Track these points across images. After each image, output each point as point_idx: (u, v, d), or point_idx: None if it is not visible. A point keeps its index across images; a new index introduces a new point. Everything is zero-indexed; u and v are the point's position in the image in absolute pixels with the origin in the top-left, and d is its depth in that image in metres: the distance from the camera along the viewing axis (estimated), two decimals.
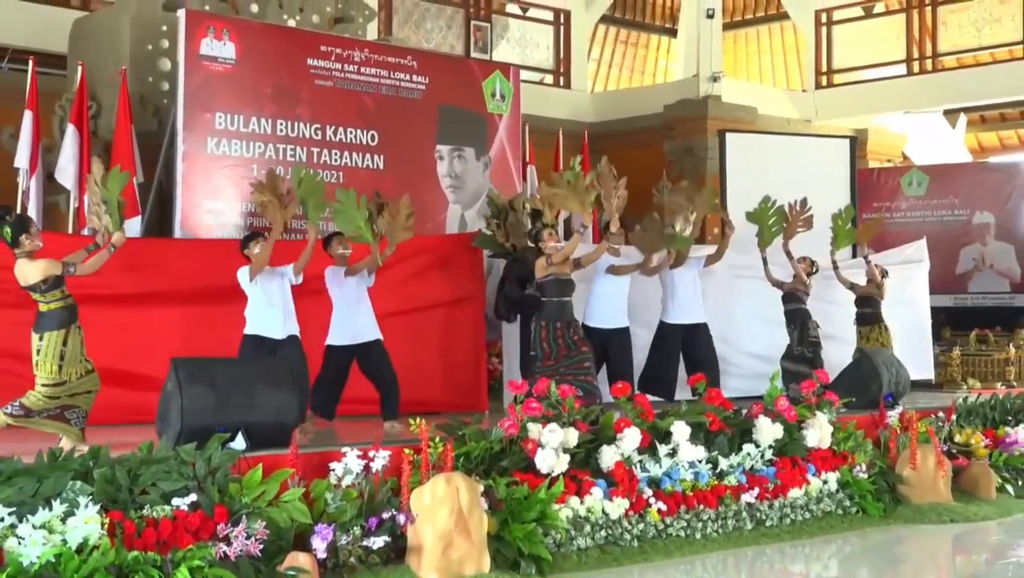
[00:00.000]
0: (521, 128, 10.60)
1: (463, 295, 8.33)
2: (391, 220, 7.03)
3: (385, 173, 9.39)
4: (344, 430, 6.87)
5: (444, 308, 8.28)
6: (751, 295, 9.28)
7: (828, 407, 7.02)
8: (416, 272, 8.15)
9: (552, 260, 7.18)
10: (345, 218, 6.98)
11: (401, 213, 7.06)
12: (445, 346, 8.24)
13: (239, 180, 8.58)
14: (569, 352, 7.13)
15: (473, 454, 5.47)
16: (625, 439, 5.95)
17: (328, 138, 9.20)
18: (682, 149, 13.21)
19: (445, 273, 8.29)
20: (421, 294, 8.18)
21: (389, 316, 7.51)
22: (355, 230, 6.98)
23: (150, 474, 4.73)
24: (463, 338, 8.32)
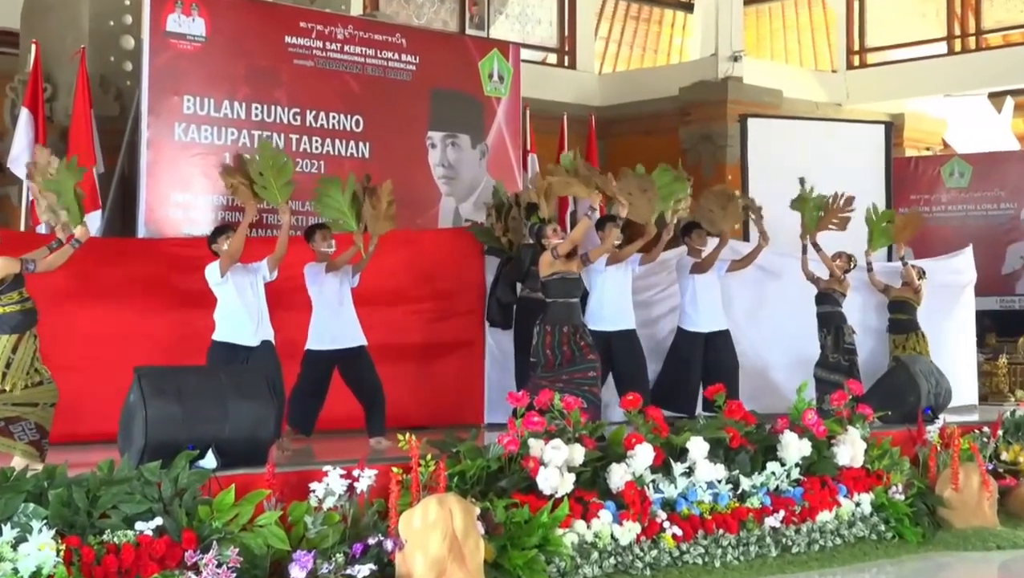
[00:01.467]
0: (521, 113, 10.59)
1: (459, 296, 8.34)
2: (372, 209, 7.03)
3: (371, 162, 9.37)
4: (325, 447, 6.86)
5: (438, 311, 8.30)
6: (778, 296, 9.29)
7: (861, 421, 7.02)
8: (406, 271, 8.16)
9: (558, 252, 7.18)
10: (328, 203, 7.00)
11: (382, 201, 7.06)
12: (438, 353, 8.26)
13: (210, 170, 8.55)
14: (573, 359, 7.14)
15: (468, 473, 5.46)
16: (636, 456, 5.94)
17: (308, 124, 9.19)
18: (699, 136, 13.21)
19: (439, 272, 8.31)
20: (412, 295, 8.19)
21: (375, 319, 7.51)
22: (338, 214, 6.98)
23: (111, 496, 4.72)
24: (459, 344, 8.33)
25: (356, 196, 7.03)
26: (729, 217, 8.54)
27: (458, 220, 9.90)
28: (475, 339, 8.40)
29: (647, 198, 7.76)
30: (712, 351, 8.29)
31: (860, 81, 14.69)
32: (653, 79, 14.28)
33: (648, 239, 7.85)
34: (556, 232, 7.39)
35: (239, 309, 6.61)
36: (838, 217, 8.91)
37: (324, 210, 7.06)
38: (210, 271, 6.65)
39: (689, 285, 8.37)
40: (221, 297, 6.66)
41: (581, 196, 7.86)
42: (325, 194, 7.03)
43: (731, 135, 12.64)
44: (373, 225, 7.05)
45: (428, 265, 8.31)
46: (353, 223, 7.00)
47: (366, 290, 7.30)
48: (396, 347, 7.88)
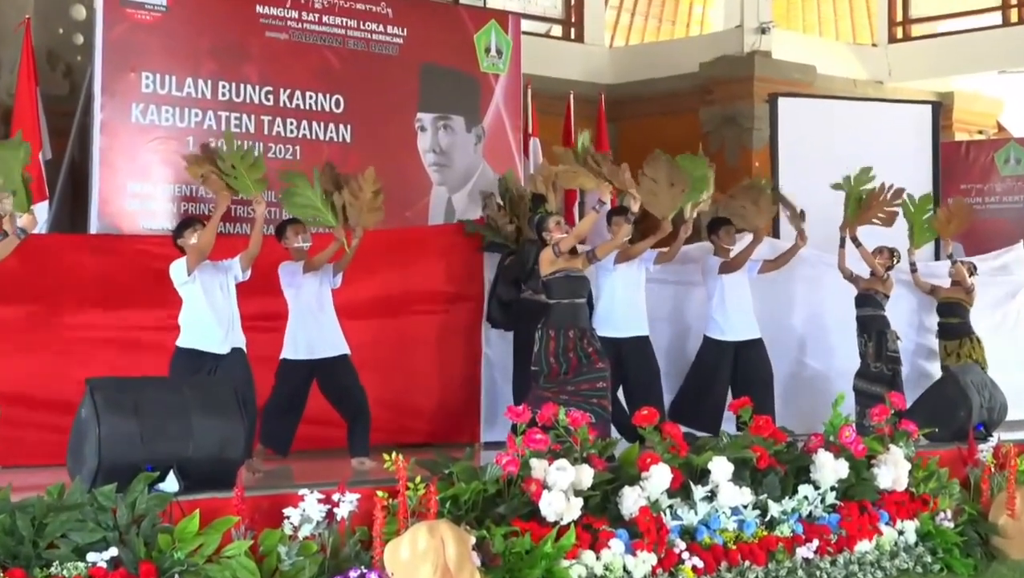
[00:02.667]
0: (522, 92, 10.61)
1: (453, 299, 8.38)
2: (353, 199, 7.03)
3: (353, 147, 9.40)
4: (302, 468, 6.87)
5: (429, 315, 8.33)
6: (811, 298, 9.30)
7: (904, 439, 7.03)
8: (393, 271, 8.18)
9: (560, 249, 7.19)
10: (298, 202, 7.00)
11: (365, 190, 7.07)
12: (430, 362, 8.29)
13: (171, 156, 8.57)
14: (580, 368, 7.15)
15: (463, 497, 5.46)
16: (652, 479, 5.94)
17: (282, 104, 9.20)
18: (722, 118, 13.21)
19: (431, 272, 8.34)
20: (400, 298, 8.22)
21: (359, 325, 7.53)
22: (312, 213, 7.00)
23: (60, 523, 4.72)
24: (452, 352, 8.37)
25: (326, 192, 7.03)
26: (762, 212, 8.56)
27: (451, 212, 9.92)
28: (471, 348, 8.42)
29: (672, 193, 7.78)
30: (743, 363, 8.33)
31: (904, 56, 14.69)
32: (670, 53, 14.28)
33: (662, 235, 7.86)
34: (559, 226, 7.39)
35: (207, 312, 6.61)
36: (884, 211, 8.89)
37: (293, 209, 7.07)
38: (175, 269, 6.65)
39: (717, 288, 8.38)
40: (187, 298, 6.66)
41: (587, 188, 7.86)
42: (291, 191, 7.03)
43: (758, 116, 12.63)
44: (357, 217, 7.06)
45: (417, 266, 8.31)
46: (331, 218, 7.01)
47: (346, 294, 7.32)
48: (381, 358, 7.90)
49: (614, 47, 15.06)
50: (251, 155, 6.99)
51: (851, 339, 9.01)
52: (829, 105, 11.92)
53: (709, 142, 12.67)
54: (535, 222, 7.72)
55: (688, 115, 13.29)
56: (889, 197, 8.88)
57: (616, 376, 7.63)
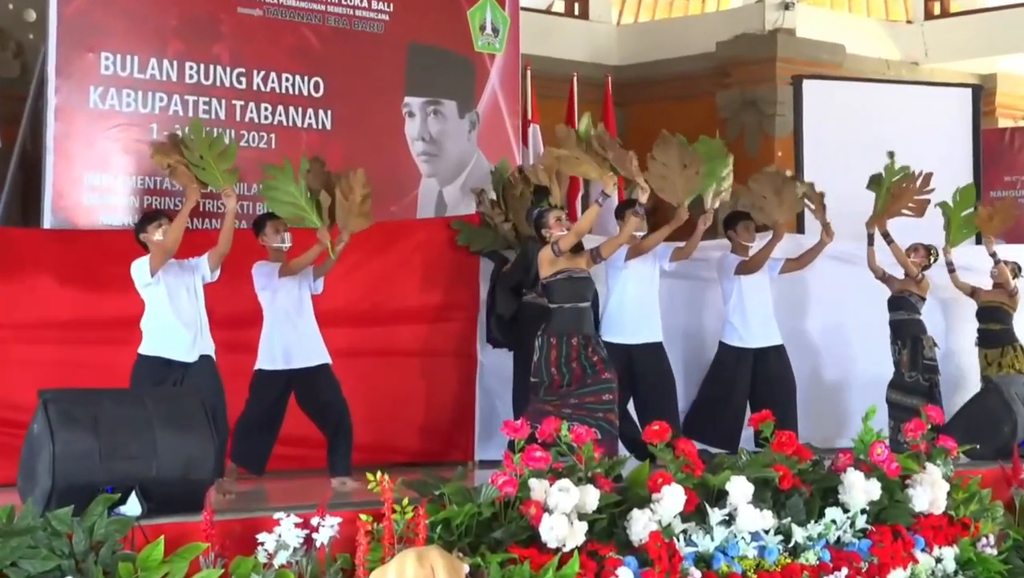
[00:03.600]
0: (521, 74, 10.62)
1: (445, 302, 8.41)
2: (343, 200, 7.04)
3: (333, 135, 9.41)
4: (277, 488, 6.90)
5: (418, 320, 8.37)
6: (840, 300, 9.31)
7: (943, 457, 7.03)
8: (377, 271, 8.21)
9: (561, 248, 7.19)
10: (280, 198, 7.00)
11: (356, 192, 7.08)
12: (419, 373, 8.33)
13: (133, 145, 8.58)
14: (584, 378, 7.16)
15: (455, 521, 5.46)
16: (663, 501, 5.94)
17: (256, 87, 9.21)
18: (741, 102, 13.23)
19: (419, 273, 8.36)
20: (384, 301, 8.24)
21: (341, 332, 7.54)
22: (296, 212, 7.00)
23: (10, 550, 4.72)
24: (444, 361, 8.41)
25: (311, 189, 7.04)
26: (785, 205, 8.53)
27: (442, 207, 9.93)
28: (464, 356, 8.45)
29: (686, 176, 7.77)
30: (763, 372, 8.35)
31: (942, 34, 14.69)
32: (684, 31, 14.28)
33: (677, 225, 7.86)
34: (560, 222, 7.37)
35: (172, 317, 6.62)
36: (915, 200, 8.89)
37: (275, 206, 7.07)
38: (137, 269, 6.65)
39: (734, 289, 8.41)
40: (150, 301, 6.66)
41: (591, 178, 7.85)
42: (273, 187, 7.04)
43: (781, 101, 12.65)
44: (344, 220, 7.06)
45: (405, 265, 8.35)
46: (315, 218, 7.01)
47: (323, 296, 7.34)
48: (363, 368, 7.92)
49: (622, 24, 15.06)
50: (220, 143, 6.99)
51: (881, 345, 9.01)
52: (859, 89, 11.92)
53: (727, 129, 12.68)
54: (533, 217, 7.69)
55: (703, 100, 13.30)
56: (919, 184, 8.86)
57: (626, 387, 7.67)
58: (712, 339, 8.71)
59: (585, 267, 7.31)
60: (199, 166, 6.82)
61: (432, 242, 8.48)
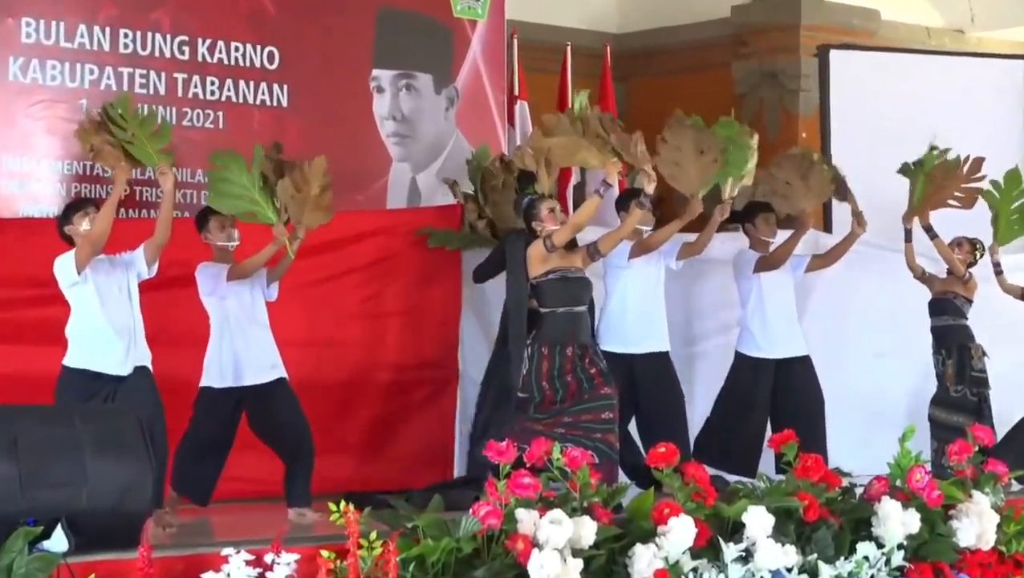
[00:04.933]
0: (507, 43, 10.61)
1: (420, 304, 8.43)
2: (296, 193, 7.04)
3: (290, 113, 9.39)
4: (226, 521, 6.89)
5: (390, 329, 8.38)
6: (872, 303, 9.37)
7: (992, 484, 7.04)
8: (341, 272, 8.21)
9: (554, 243, 7.20)
10: (228, 192, 6.98)
11: (312, 184, 7.08)
12: (389, 387, 8.33)
13: (59, 124, 8.56)
14: (580, 394, 7.16)
15: (430, 558, 5.46)
16: (670, 535, 5.95)
17: (201, 58, 9.18)
18: (760, 75, 13.21)
19: (390, 274, 8.37)
20: (350, 307, 8.24)
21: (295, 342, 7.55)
22: (248, 207, 6.99)
23: None
24: (419, 375, 8.42)
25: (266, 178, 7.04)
26: (812, 192, 8.50)
27: (415, 196, 9.92)
28: (443, 367, 8.47)
29: (702, 164, 7.79)
30: (785, 386, 8.40)
31: None
32: None
33: (690, 219, 7.88)
34: (553, 214, 7.37)
35: (102, 322, 6.58)
36: (962, 189, 8.88)
37: (223, 201, 7.03)
38: (61, 267, 6.60)
39: (752, 291, 8.43)
40: (77, 305, 6.63)
41: (592, 166, 7.86)
42: (222, 178, 7.01)
43: (806, 74, 12.63)
44: (298, 215, 7.06)
45: (374, 264, 8.35)
46: (271, 214, 7.01)
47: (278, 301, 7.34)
48: (325, 384, 7.93)
49: None
50: (153, 121, 6.96)
51: (919, 353, 9.05)
52: (895, 61, 11.92)
53: (743, 106, 12.68)
54: (523, 206, 7.68)
55: (716, 73, 13.29)
56: (967, 170, 8.84)
57: (627, 404, 7.66)
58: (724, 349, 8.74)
59: (581, 265, 7.30)
60: (129, 143, 6.79)
61: (405, 236, 8.46)
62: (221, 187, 7.03)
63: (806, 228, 8.53)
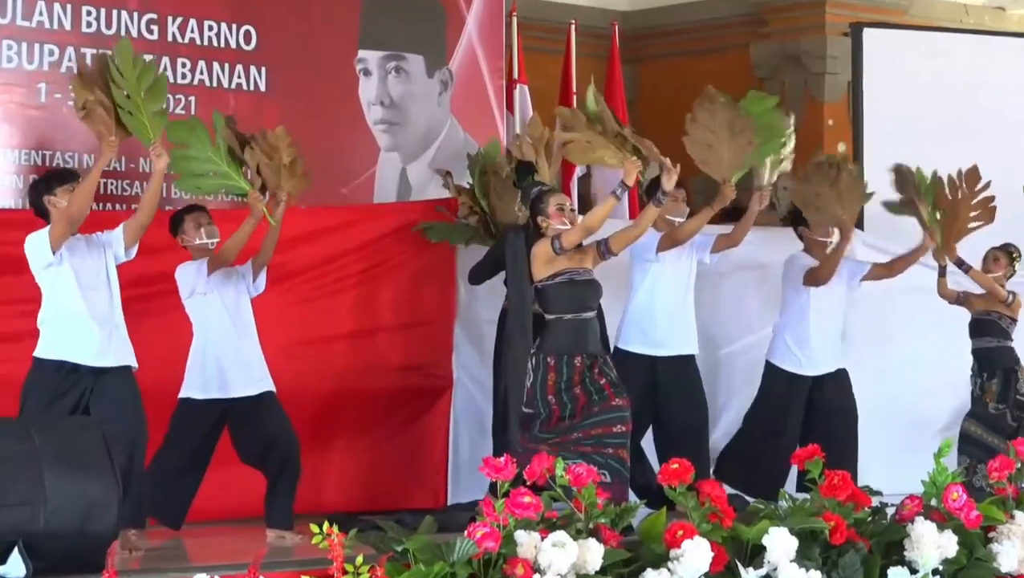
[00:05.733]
0: (505, 21, 10.61)
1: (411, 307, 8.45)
2: (268, 160, 7.01)
3: (269, 98, 9.40)
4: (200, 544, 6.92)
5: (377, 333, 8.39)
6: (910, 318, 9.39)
7: None
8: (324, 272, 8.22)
9: (563, 244, 7.19)
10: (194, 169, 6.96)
11: (281, 151, 7.06)
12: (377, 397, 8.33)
13: (16, 111, 8.59)
14: (590, 406, 7.16)
15: None
16: (685, 558, 5.94)
17: (172, 38, 9.18)
18: (781, 57, 13.23)
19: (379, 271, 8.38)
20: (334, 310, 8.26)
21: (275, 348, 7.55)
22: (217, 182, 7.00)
23: None
24: (409, 384, 8.42)
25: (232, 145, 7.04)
26: (845, 198, 8.49)
27: (405, 189, 9.92)
28: (435, 375, 8.47)
29: (735, 145, 7.78)
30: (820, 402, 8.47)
31: None
32: None
33: (722, 206, 7.90)
34: (562, 212, 7.30)
35: (80, 307, 6.55)
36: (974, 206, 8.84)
37: (189, 182, 7.04)
38: (34, 245, 6.52)
39: (799, 303, 8.47)
40: (51, 288, 6.59)
41: (609, 165, 7.84)
42: (184, 155, 6.97)
43: (832, 55, 12.64)
44: (276, 180, 7.03)
45: (359, 261, 8.35)
46: (243, 183, 7.01)
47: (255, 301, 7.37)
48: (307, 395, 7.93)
49: None
50: (151, 74, 6.91)
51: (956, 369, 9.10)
52: (930, 40, 11.90)
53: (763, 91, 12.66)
54: (531, 196, 7.63)
55: (734, 54, 13.29)
56: (967, 184, 8.77)
57: (645, 412, 7.77)
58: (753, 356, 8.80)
59: (591, 266, 7.28)
60: (125, 109, 6.73)
61: (394, 232, 8.45)
62: (184, 165, 7.01)
63: (849, 236, 8.53)
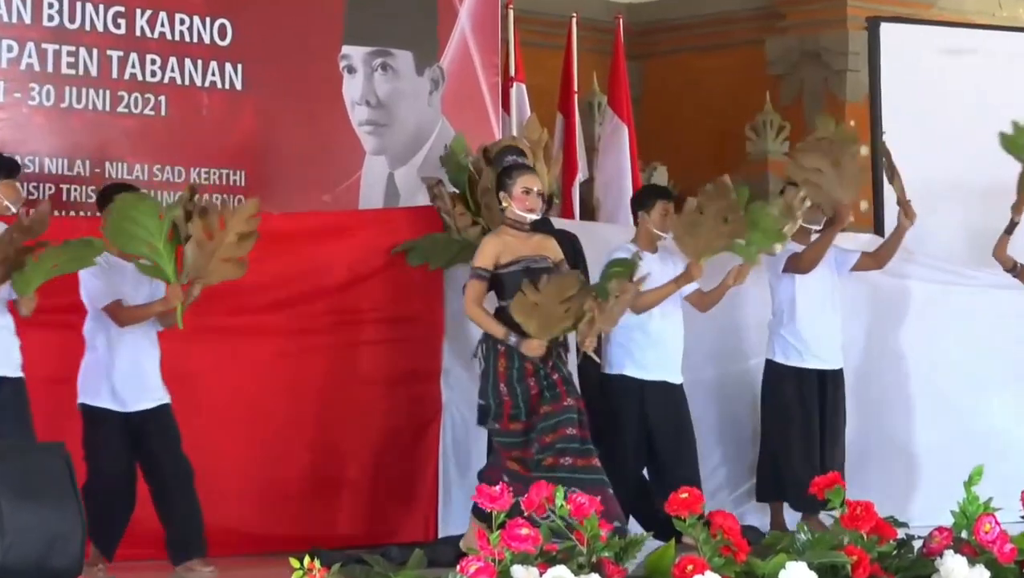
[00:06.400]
0: (501, 14, 10.61)
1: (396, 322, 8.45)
2: (205, 241, 7.03)
3: (245, 97, 9.39)
4: None
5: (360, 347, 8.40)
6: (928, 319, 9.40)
7: None
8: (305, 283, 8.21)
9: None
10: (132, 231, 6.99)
11: (229, 230, 7.07)
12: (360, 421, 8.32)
13: None
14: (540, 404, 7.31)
15: None
16: None
17: (140, 33, 9.16)
18: (800, 53, 13.23)
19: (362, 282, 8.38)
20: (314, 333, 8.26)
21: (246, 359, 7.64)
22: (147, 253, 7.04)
23: None
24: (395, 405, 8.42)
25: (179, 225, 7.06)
26: (846, 180, 8.57)
27: (393, 195, 9.91)
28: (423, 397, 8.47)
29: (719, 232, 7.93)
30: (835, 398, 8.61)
31: None
32: None
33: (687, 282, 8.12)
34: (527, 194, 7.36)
35: None
36: None
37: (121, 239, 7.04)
38: None
39: (786, 294, 8.53)
40: None
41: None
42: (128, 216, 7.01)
43: (855, 52, 12.63)
44: (200, 266, 7.06)
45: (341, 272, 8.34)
46: (170, 272, 7.04)
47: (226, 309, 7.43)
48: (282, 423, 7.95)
49: None
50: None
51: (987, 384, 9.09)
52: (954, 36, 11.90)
53: (780, 90, 12.69)
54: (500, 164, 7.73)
55: (748, 51, 13.29)
56: None
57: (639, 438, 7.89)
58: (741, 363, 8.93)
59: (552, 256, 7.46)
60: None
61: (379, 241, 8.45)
62: (123, 224, 7.03)
63: (843, 222, 8.62)
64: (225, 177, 9.11)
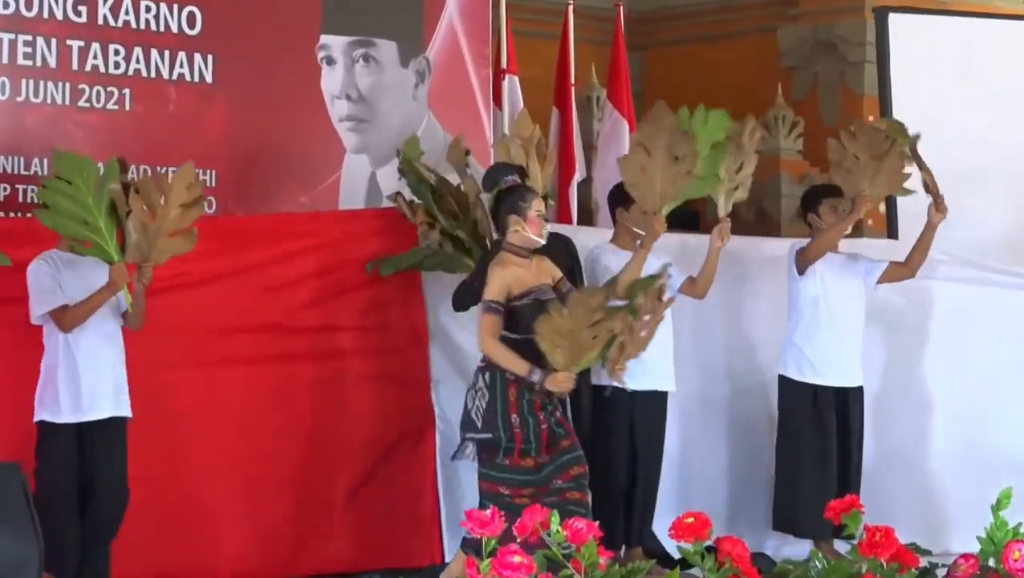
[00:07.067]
0: (492, 3, 10.61)
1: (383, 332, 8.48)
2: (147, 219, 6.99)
3: (216, 91, 9.39)
4: None
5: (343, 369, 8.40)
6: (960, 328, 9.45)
7: None
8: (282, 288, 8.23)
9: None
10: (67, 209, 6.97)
11: (171, 201, 7.04)
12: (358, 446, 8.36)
13: None
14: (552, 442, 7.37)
15: None
16: None
17: (103, 21, 9.16)
18: (814, 43, 13.28)
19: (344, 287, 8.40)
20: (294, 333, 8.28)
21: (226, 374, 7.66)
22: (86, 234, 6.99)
23: None
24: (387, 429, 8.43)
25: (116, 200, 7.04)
26: (881, 178, 8.60)
27: (375, 195, 9.91)
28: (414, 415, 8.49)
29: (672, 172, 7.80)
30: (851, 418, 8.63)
31: None
32: None
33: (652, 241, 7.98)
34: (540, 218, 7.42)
35: None
36: None
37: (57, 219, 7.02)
38: None
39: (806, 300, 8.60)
40: None
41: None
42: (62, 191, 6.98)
43: (872, 42, 12.66)
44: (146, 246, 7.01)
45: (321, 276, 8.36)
46: (112, 252, 7.00)
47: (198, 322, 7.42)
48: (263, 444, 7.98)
49: None
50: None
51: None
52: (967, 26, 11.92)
53: (792, 82, 12.74)
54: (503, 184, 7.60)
55: (758, 40, 13.34)
56: None
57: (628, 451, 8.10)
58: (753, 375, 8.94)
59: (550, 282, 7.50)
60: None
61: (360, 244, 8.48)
62: (58, 201, 7.00)
63: (858, 214, 8.63)
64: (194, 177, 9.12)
